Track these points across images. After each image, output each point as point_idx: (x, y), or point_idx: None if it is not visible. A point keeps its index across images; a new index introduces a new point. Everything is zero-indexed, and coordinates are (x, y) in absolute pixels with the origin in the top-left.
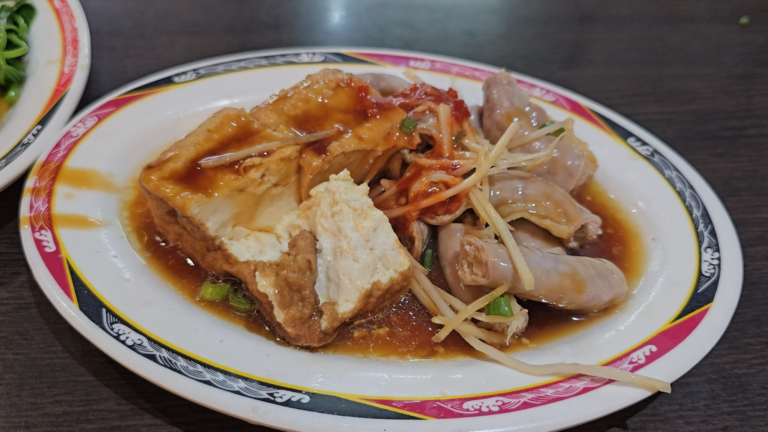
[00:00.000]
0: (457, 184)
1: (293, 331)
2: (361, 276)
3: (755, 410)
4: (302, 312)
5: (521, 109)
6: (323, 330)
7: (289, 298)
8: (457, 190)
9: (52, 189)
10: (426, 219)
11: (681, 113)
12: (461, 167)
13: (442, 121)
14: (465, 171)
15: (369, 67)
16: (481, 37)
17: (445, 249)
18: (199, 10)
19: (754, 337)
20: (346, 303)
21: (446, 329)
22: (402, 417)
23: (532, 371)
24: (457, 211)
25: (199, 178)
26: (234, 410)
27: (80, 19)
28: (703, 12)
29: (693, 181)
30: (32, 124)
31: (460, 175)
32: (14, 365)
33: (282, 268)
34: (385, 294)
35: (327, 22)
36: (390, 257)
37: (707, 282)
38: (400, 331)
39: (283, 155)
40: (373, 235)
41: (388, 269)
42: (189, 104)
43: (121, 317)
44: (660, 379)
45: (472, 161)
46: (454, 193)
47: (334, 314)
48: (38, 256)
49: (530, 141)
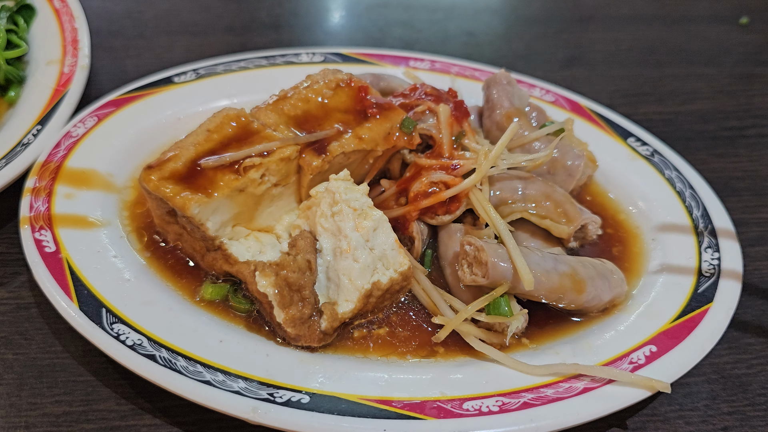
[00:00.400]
0: (457, 184)
1: (293, 331)
2: (361, 276)
3: (755, 410)
4: (302, 312)
5: (521, 109)
6: (323, 330)
7: (289, 298)
8: (457, 191)
9: (52, 189)
10: (426, 219)
11: (681, 113)
12: (461, 167)
13: (442, 121)
14: (465, 171)
15: (369, 67)
16: (481, 37)
17: (445, 249)
18: (199, 10)
19: (754, 337)
20: (346, 303)
21: (446, 329)
22: (402, 417)
23: (532, 371)
24: (457, 211)
25: (199, 178)
26: (234, 410)
27: (80, 19)
28: (703, 12)
29: (693, 181)
30: (32, 124)
31: (460, 175)
32: (14, 365)
33: (282, 268)
34: (385, 294)
35: (327, 22)
36: (390, 257)
37: (707, 282)
38: (400, 331)
39: (283, 155)
40: (373, 235)
41: (388, 269)
42: (189, 104)
43: (121, 317)
44: (660, 379)
45: (472, 161)
46: (454, 194)
47: (334, 314)
48: (38, 256)
49: (530, 141)
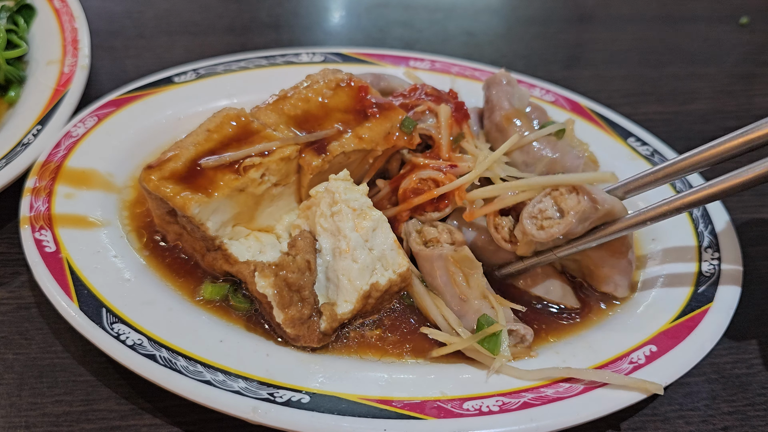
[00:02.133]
0: (446, 182)
1: (292, 332)
2: (360, 276)
3: (755, 410)
4: (301, 312)
5: (521, 110)
6: (322, 330)
7: (288, 299)
8: (449, 188)
9: (52, 189)
10: (416, 216)
11: (681, 113)
12: (457, 168)
13: (442, 121)
14: (460, 173)
15: (369, 67)
16: (481, 37)
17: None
18: (199, 10)
19: (754, 337)
20: (345, 304)
21: (447, 349)
22: (402, 417)
23: (524, 376)
24: (447, 209)
25: (199, 178)
26: (234, 410)
27: (80, 19)
28: (703, 12)
29: (693, 181)
30: (32, 124)
31: (456, 175)
32: (14, 365)
33: (281, 268)
34: (383, 295)
35: (327, 22)
36: (389, 257)
37: (707, 282)
38: (401, 331)
39: (283, 155)
40: (372, 236)
41: (387, 270)
42: (189, 104)
43: (121, 317)
44: (661, 378)
45: (468, 163)
46: (446, 191)
47: (333, 315)
48: (38, 256)
49: (530, 142)
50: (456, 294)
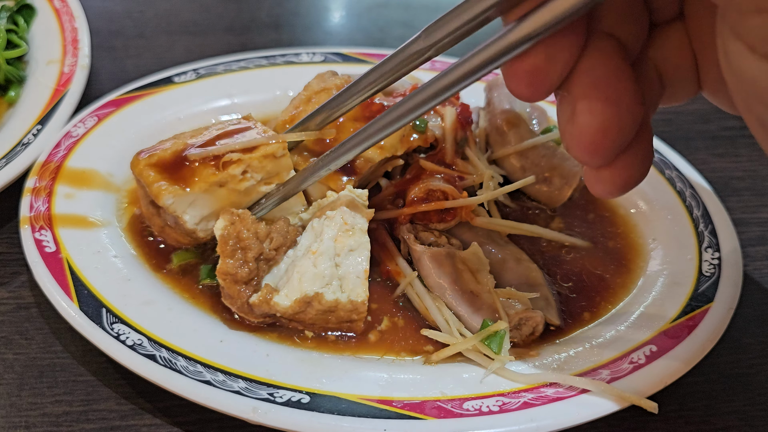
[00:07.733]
0: (455, 194)
1: (223, 284)
2: (311, 282)
3: (755, 410)
4: (237, 271)
5: (521, 113)
6: (251, 302)
7: (231, 251)
8: (459, 204)
9: (52, 189)
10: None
11: (681, 113)
12: (465, 180)
13: (448, 124)
14: (466, 185)
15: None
16: (481, 37)
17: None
18: (199, 10)
19: (754, 337)
20: (284, 297)
21: (449, 351)
22: (402, 417)
23: (516, 379)
24: (452, 221)
25: (183, 170)
26: (234, 410)
27: (80, 19)
28: None
29: (693, 181)
30: (32, 124)
31: (462, 188)
32: (14, 365)
33: (243, 222)
34: (327, 313)
35: (327, 22)
36: (351, 282)
37: (707, 282)
38: (401, 331)
39: (266, 152)
40: (347, 254)
41: (342, 292)
42: (189, 104)
43: (121, 317)
44: (660, 378)
45: (473, 177)
46: (456, 206)
47: (268, 298)
48: (38, 256)
49: (528, 147)
50: (467, 290)
